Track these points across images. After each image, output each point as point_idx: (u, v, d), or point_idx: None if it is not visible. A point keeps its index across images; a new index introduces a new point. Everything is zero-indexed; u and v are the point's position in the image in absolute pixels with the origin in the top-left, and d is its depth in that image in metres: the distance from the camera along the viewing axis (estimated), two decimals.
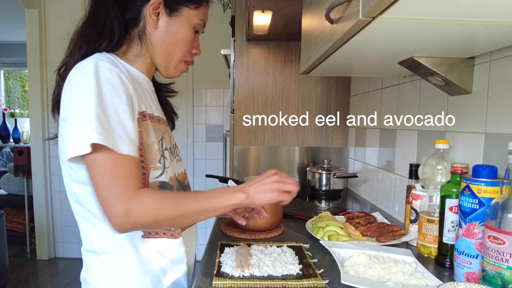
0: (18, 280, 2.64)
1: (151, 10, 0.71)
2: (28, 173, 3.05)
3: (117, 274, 0.69)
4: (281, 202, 0.70)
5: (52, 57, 2.86)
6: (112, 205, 0.58)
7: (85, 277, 0.73)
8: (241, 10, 1.75)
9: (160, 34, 0.74)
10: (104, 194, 0.59)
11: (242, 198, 0.67)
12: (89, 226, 0.70)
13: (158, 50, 0.75)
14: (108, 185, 0.59)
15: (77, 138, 0.58)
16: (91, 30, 0.70)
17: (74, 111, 0.60)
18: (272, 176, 0.70)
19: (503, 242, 0.57)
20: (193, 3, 0.74)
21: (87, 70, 0.61)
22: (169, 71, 0.79)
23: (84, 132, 0.57)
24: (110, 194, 0.59)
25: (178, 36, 0.75)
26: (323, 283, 0.68)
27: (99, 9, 0.71)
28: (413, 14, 0.53)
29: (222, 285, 0.67)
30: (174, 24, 0.74)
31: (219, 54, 1.97)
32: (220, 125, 2.95)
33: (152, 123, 0.72)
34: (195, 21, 0.76)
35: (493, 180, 0.65)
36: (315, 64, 0.99)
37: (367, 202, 1.50)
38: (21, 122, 4.24)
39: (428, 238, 0.83)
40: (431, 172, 0.85)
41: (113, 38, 0.70)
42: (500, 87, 0.76)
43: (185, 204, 0.64)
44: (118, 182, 0.59)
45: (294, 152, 1.84)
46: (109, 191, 0.59)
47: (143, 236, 0.70)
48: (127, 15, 0.72)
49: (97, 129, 0.57)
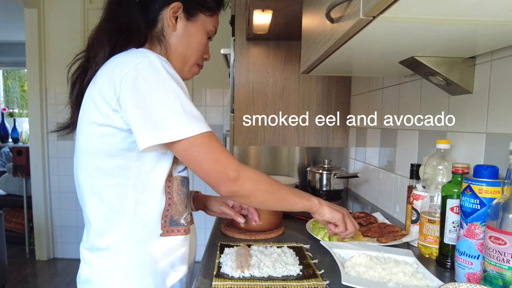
0: (17, 281, 2.63)
1: (171, 13, 0.75)
2: (27, 173, 3.04)
3: (131, 272, 0.70)
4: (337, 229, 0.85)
5: (51, 57, 2.86)
6: (225, 172, 0.66)
7: (89, 277, 0.72)
8: (241, 9, 1.75)
9: (177, 36, 0.77)
10: (214, 165, 0.65)
11: (316, 203, 0.81)
12: (103, 221, 0.70)
13: (175, 52, 0.78)
14: (215, 158, 0.65)
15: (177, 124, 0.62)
16: (114, 27, 0.72)
17: (162, 98, 0.62)
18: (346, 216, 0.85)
19: (504, 242, 0.57)
20: (209, 10, 0.79)
21: (153, 61, 0.64)
22: (183, 72, 0.81)
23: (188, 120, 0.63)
24: (221, 164, 0.66)
25: (194, 40, 0.79)
26: (323, 283, 0.68)
27: (121, 8, 0.73)
28: (414, 14, 0.53)
29: (222, 286, 0.66)
30: (191, 29, 0.78)
31: (219, 53, 1.97)
32: (220, 125, 2.94)
33: None
34: (209, 28, 0.81)
35: (494, 180, 0.64)
36: (316, 63, 0.99)
37: (367, 202, 1.50)
38: (20, 122, 4.24)
39: (429, 238, 0.83)
40: (432, 172, 0.85)
41: (141, 37, 0.73)
42: (501, 86, 0.76)
43: (277, 186, 0.74)
44: (223, 153, 0.66)
45: (294, 152, 1.84)
46: (219, 161, 0.66)
47: (162, 234, 0.71)
48: (146, 16, 0.75)
49: (199, 118, 0.64)
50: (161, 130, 0.62)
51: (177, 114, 0.62)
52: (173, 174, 0.73)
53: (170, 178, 0.73)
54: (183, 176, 0.75)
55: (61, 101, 3.20)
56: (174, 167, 0.73)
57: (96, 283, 0.71)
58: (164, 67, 0.64)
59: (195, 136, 0.63)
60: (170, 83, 0.64)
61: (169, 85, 0.63)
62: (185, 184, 0.76)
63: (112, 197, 0.68)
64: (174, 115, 0.62)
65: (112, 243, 0.69)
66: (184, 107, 0.63)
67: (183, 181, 0.75)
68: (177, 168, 0.74)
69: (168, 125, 0.62)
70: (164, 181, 0.71)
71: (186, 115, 0.63)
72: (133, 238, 0.69)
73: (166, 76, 0.64)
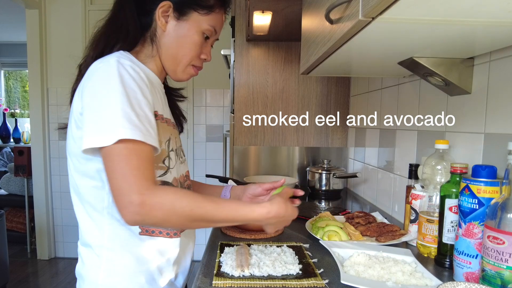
0: (18, 280, 2.64)
1: (160, 13, 0.73)
2: (28, 173, 3.05)
3: (113, 270, 0.70)
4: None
5: (52, 57, 2.87)
6: (127, 195, 0.57)
7: (80, 272, 0.74)
8: (241, 11, 1.75)
9: (168, 37, 0.75)
10: (120, 183, 0.58)
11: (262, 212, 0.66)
12: (87, 218, 0.70)
13: (166, 53, 0.76)
14: (124, 174, 0.58)
15: (100, 131, 0.59)
16: (109, 28, 0.73)
17: (98, 104, 0.61)
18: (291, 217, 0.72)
19: (503, 242, 0.57)
20: (203, 8, 0.74)
21: (110, 66, 0.63)
22: (177, 74, 0.79)
23: (110, 126, 0.58)
24: (126, 184, 0.57)
25: (185, 40, 0.75)
26: (323, 283, 0.68)
27: (119, 9, 0.74)
28: (412, 15, 0.53)
29: (222, 285, 0.67)
30: (182, 28, 0.74)
31: (219, 54, 1.97)
32: (220, 125, 2.95)
33: (161, 124, 0.73)
34: (204, 27, 0.75)
35: (493, 180, 0.65)
36: (315, 64, 0.99)
37: (366, 202, 1.50)
38: (22, 122, 4.25)
39: (428, 238, 0.83)
40: (430, 172, 0.86)
41: (127, 38, 0.72)
42: (499, 87, 0.76)
43: (203, 210, 0.61)
44: (136, 171, 0.58)
45: (294, 152, 1.84)
46: (125, 180, 0.57)
47: (141, 233, 0.70)
48: (143, 17, 0.74)
49: (124, 124, 0.58)
50: (87, 136, 0.60)
51: (104, 121, 0.59)
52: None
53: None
54: (163, 181, 0.72)
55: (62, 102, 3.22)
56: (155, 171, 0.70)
57: (84, 277, 0.72)
58: (118, 71, 0.62)
59: (113, 146, 0.58)
60: (113, 89, 0.60)
61: (111, 91, 0.60)
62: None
63: (91, 198, 0.69)
64: (101, 121, 0.59)
65: (95, 240, 0.70)
66: (115, 114, 0.58)
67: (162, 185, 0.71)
68: (157, 173, 0.71)
69: (93, 131, 0.59)
70: None
71: (112, 122, 0.58)
72: (114, 236, 0.69)
73: (114, 81, 0.61)
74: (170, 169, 0.74)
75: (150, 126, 0.62)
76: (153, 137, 0.63)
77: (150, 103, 0.66)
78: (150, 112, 0.64)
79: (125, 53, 0.71)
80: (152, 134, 0.63)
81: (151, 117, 0.64)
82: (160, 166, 0.71)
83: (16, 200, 3.34)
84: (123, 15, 0.73)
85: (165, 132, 0.74)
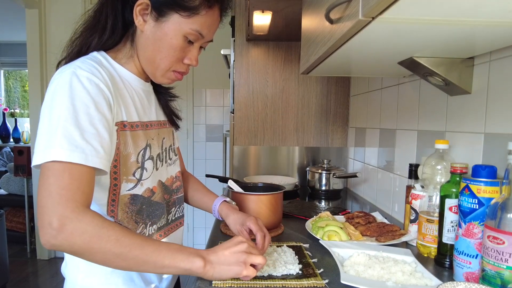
0: (18, 280, 2.64)
1: (138, 11, 0.67)
2: (28, 173, 3.05)
3: (91, 271, 0.70)
4: (244, 278, 0.63)
5: (52, 57, 2.87)
6: (48, 214, 0.52)
7: (64, 272, 0.74)
8: (241, 10, 1.75)
9: (145, 38, 0.69)
10: (45, 200, 0.53)
11: (200, 265, 0.58)
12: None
13: (143, 55, 0.71)
14: (50, 193, 0.53)
15: (38, 149, 0.56)
16: (89, 24, 0.70)
17: (45, 120, 0.58)
18: (239, 245, 0.63)
19: (503, 242, 0.57)
20: (185, 10, 0.66)
21: (63, 79, 0.59)
22: (156, 78, 0.73)
23: (47, 145, 0.55)
24: (50, 204, 0.52)
25: (162, 43, 0.68)
26: (322, 282, 0.68)
27: (102, 6, 0.70)
28: (412, 14, 0.53)
29: (222, 285, 0.67)
30: (160, 30, 0.67)
31: (219, 54, 1.98)
32: (220, 125, 2.95)
33: (132, 133, 0.69)
34: (186, 30, 0.67)
35: (493, 180, 0.65)
36: (315, 64, 0.99)
37: (366, 202, 1.50)
38: (21, 122, 4.25)
39: (428, 238, 0.83)
40: (430, 172, 0.86)
41: (104, 34, 0.69)
42: (499, 87, 0.76)
43: (129, 245, 0.55)
44: (63, 191, 0.53)
45: (294, 152, 1.84)
46: (51, 198, 0.52)
47: None
48: (127, 14, 0.70)
49: (62, 144, 0.54)
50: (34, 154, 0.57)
51: (44, 139, 0.56)
52: (120, 193, 0.68)
53: (114, 197, 0.67)
54: (133, 194, 0.69)
55: None
56: (123, 185, 0.68)
57: (66, 277, 0.73)
58: (70, 85, 0.58)
59: (48, 163, 0.54)
60: (60, 106, 0.56)
61: (57, 108, 0.56)
62: (136, 202, 0.70)
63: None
64: (42, 139, 0.56)
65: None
66: (55, 133, 0.55)
67: (133, 199, 0.70)
68: (126, 186, 0.68)
69: (36, 148, 0.56)
70: (106, 199, 0.67)
71: (49, 141, 0.55)
72: None
73: (63, 97, 0.57)
74: (142, 181, 0.71)
75: (99, 144, 0.58)
76: (100, 156, 0.58)
77: (107, 117, 0.61)
78: (104, 128, 0.59)
79: (96, 56, 0.68)
80: (100, 152, 0.58)
81: (103, 134, 0.59)
82: (129, 179, 0.69)
83: (16, 200, 3.34)
84: (105, 9, 0.69)
85: (138, 141, 0.70)
